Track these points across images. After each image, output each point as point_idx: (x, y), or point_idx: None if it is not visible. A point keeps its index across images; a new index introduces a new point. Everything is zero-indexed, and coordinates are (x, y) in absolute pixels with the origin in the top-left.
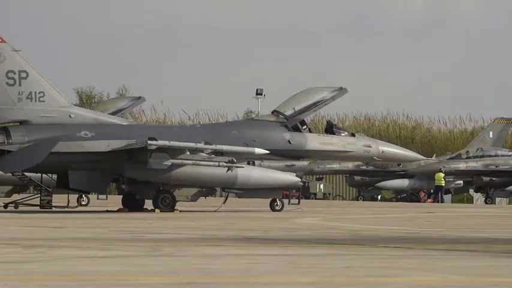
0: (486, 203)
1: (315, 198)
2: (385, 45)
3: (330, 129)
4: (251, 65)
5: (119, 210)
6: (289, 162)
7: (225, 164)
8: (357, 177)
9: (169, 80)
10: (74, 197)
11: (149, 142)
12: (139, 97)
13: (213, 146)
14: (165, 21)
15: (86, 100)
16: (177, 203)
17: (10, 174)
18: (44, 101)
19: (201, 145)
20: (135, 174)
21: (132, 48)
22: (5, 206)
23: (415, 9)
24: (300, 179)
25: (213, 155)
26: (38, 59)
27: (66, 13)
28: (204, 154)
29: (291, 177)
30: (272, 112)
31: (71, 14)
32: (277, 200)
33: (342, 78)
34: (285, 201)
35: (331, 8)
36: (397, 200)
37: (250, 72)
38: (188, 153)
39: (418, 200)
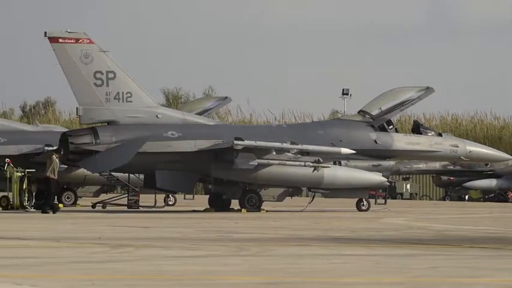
0: None
1: (402, 198)
2: (472, 44)
3: (417, 129)
4: (337, 65)
5: (205, 210)
6: (375, 162)
7: (311, 164)
8: (444, 177)
9: (256, 80)
10: (160, 197)
11: (235, 142)
12: (226, 97)
13: (299, 146)
14: (252, 21)
15: (173, 100)
16: (263, 203)
17: (98, 174)
18: (131, 102)
19: (287, 145)
20: (221, 174)
21: (219, 48)
22: (93, 205)
23: (500, 7)
24: (386, 179)
25: (299, 155)
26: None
27: (153, 14)
28: (290, 154)
29: (377, 177)
30: (358, 112)
31: (158, 14)
32: (364, 200)
33: (428, 77)
34: (371, 201)
35: (417, 8)
36: (485, 200)
37: (336, 72)
38: (274, 153)
39: (506, 200)
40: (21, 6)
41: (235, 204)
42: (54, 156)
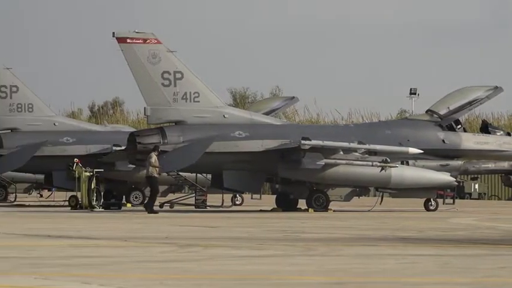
0: None
1: (470, 198)
2: None
3: (485, 128)
4: (405, 64)
5: (272, 210)
6: (443, 162)
7: (378, 164)
8: None
9: (322, 79)
10: (228, 197)
11: (303, 142)
12: (293, 97)
13: (367, 146)
14: (319, 21)
15: (240, 100)
16: (331, 203)
17: (165, 174)
18: (198, 102)
19: (354, 145)
20: (288, 174)
21: (286, 48)
22: (161, 205)
23: None
24: (454, 179)
25: (366, 155)
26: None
27: (220, 14)
28: (358, 154)
29: (445, 177)
30: (426, 111)
31: (225, 15)
32: (432, 199)
33: (497, 77)
34: (439, 201)
35: (486, 6)
36: None
37: (404, 71)
38: (342, 153)
39: None
40: (89, 7)
41: (302, 204)
42: (153, 154)
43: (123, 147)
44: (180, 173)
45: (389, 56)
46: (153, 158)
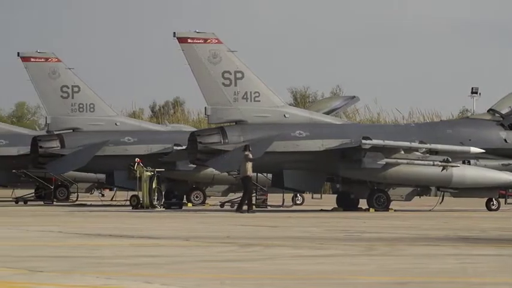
0: None
1: None
2: None
3: None
4: (466, 63)
5: (333, 210)
6: (505, 161)
7: (439, 163)
8: None
9: (383, 78)
10: (288, 196)
11: (363, 141)
12: (353, 96)
13: (428, 145)
14: (379, 21)
15: (300, 100)
16: (392, 202)
17: (226, 173)
18: (259, 101)
19: (415, 144)
20: (349, 173)
21: (347, 47)
22: (222, 205)
23: None
24: None
25: (427, 154)
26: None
27: (280, 14)
28: (419, 153)
29: (507, 176)
30: (488, 111)
31: (285, 14)
32: (494, 199)
33: None
34: (501, 200)
35: None
36: None
37: (465, 70)
38: (402, 152)
39: None
40: (150, 7)
41: (363, 203)
42: (247, 153)
43: (184, 147)
44: None
45: (451, 55)
46: (250, 156)
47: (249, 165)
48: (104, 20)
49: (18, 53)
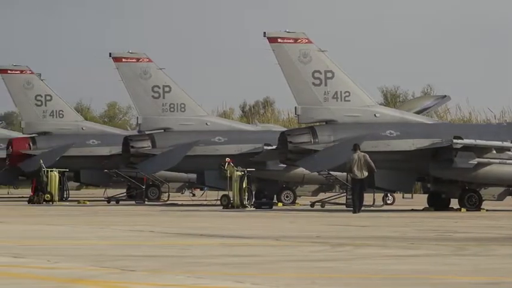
0: None
1: None
2: None
3: None
4: None
5: (424, 209)
6: None
7: None
8: None
9: (475, 77)
10: (379, 196)
11: (455, 141)
12: (445, 96)
13: None
14: (469, 18)
15: (391, 99)
16: (483, 202)
17: (316, 173)
18: (349, 101)
19: (507, 144)
20: (440, 173)
21: (437, 47)
22: (312, 204)
23: None
24: None
25: None
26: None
27: (369, 14)
28: (511, 153)
29: None
30: None
31: (374, 14)
32: None
33: None
34: None
35: None
36: None
37: None
38: (494, 152)
39: None
40: (240, 7)
41: (454, 203)
42: (359, 152)
43: (274, 147)
44: (331, 172)
45: None
46: (360, 156)
47: (365, 164)
48: (194, 20)
49: (110, 53)
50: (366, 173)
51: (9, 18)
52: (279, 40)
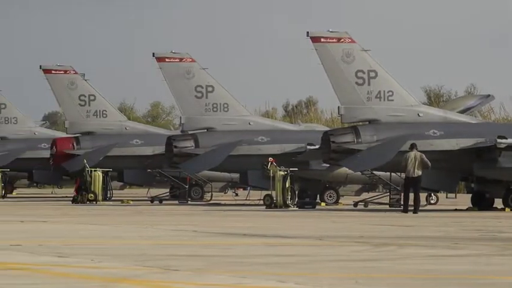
0: None
1: None
2: None
3: None
4: None
5: (468, 209)
6: None
7: None
8: None
9: None
10: (423, 196)
11: (498, 141)
12: (488, 95)
13: None
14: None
15: (434, 99)
16: None
17: (359, 173)
18: (392, 100)
19: None
20: (484, 172)
21: (481, 46)
22: (355, 204)
23: None
24: None
25: None
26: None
27: (413, 13)
28: None
29: None
30: None
31: (418, 13)
32: None
33: None
34: None
35: None
36: None
37: None
38: None
39: None
40: (283, 7)
41: (498, 203)
42: (415, 151)
43: (317, 146)
44: (374, 172)
45: None
46: (416, 156)
47: (420, 164)
48: (237, 20)
49: (153, 53)
50: (419, 172)
51: (53, 19)
52: (322, 40)
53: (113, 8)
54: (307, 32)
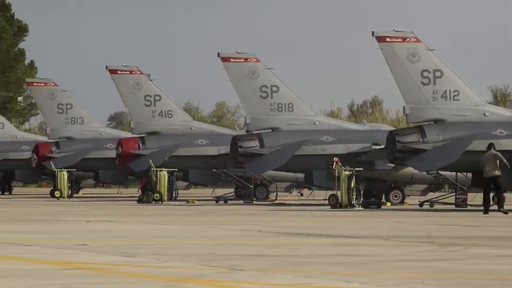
0: None
1: None
2: None
3: None
4: None
5: None
6: None
7: None
8: None
9: None
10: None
11: None
12: None
13: None
14: None
15: (501, 98)
16: None
17: (425, 172)
18: (458, 100)
19: None
20: None
21: None
22: (421, 204)
23: None
24: None
25: None
26: (451, 57)
27: (477, 11)
28: None
29: None
30: None
31: (482, 12)
32: None
33: None
34: None
35: None
36: None
37: None
38: None
39: None
40: (348, 7)
41: None
42: (491, 151)
43: (382, 146)
44: (440, 172)
45: None
46: (499, 155)
47: (498, 164)
48: (302, 20)
49: (218, 53)
50: (498, 172)
51: (119, 19)
52: (388, 39)
53: (178, 9)
54: (373, 32)
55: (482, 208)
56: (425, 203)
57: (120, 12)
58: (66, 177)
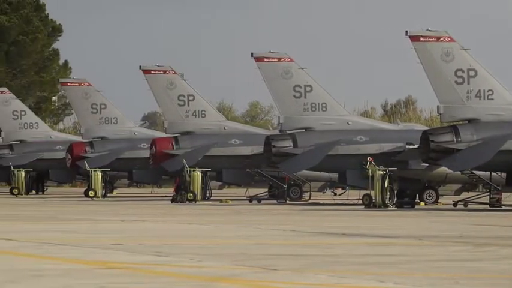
0: None
1: None
2: None
3: None
4: None
5: None
6: None
7: None
8: None
9: None
10: None
11: None
12: None
13: None
14: None
15: None
16: None
17: (459, 172)
18: (492, 99)
19: None
20: None
21: None
22: (455, 204)
23: None
24: None
25: None
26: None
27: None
28: None
29: None
30: None
31: None
32: None
33: None
34: None
35: None
36: None
37: None
38: None
39: None
40: (381, 6)
41: None
42: None
43: (416, 146)
44: (474, 172)
45: None
46: None
47: None
48: (335, 19)
49: (251, 53)
50: None
51: (153, 19)
52: (421, 39)
53: (212, 9)
54: (406, 31)
55: (511, 208)
56: (459, 203)
57: (155, 12)
58: (100, 177)
